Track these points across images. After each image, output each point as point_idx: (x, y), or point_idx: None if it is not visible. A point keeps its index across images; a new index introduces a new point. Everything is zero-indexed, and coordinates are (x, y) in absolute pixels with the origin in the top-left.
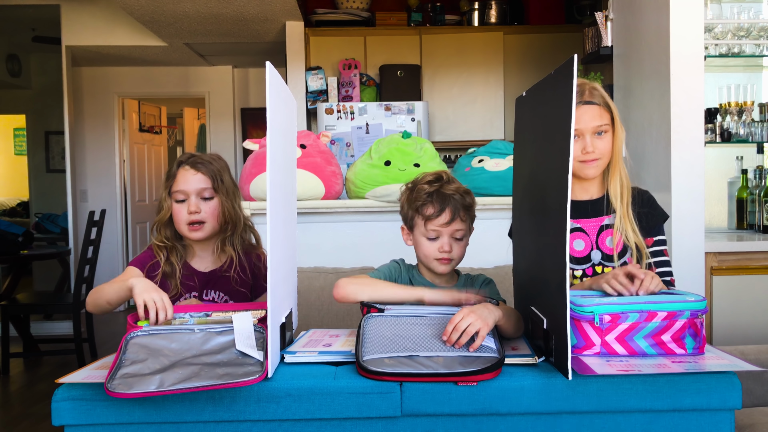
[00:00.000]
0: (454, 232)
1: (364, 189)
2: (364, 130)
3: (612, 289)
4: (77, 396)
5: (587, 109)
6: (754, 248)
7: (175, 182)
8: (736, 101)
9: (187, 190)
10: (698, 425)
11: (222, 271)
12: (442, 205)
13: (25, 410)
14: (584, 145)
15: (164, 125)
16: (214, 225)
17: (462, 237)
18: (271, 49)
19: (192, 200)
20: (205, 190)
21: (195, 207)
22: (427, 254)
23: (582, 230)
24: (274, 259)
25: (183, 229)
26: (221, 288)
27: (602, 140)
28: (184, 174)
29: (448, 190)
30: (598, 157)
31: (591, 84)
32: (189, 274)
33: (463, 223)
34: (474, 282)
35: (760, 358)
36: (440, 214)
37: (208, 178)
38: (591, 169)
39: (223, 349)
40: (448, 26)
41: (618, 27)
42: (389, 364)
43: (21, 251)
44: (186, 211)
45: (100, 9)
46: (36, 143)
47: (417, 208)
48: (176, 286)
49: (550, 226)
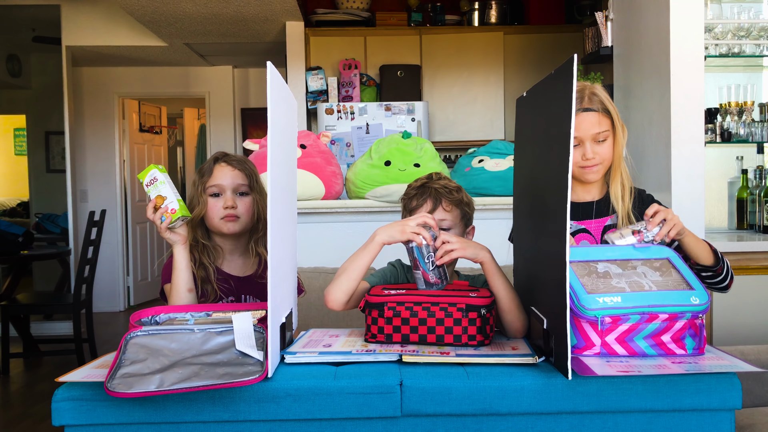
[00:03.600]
0: (438, 222)
1: (364, 189)
2: (364, 130)
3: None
4: (77, 396)
5: (586, 117)
6: (754, 248)
7: (212, 177)
8: (736, 101)
9: (224, 185)
10: (698, 425)
11: (257, 276)
12: (423, 195)
13: (25, 410)
14: (584, 152)
15: (164, 125)
16: (247, 222)
17: (448, 228)
18: (271, 49)
19: (228, 194)
20: (242, 185)
21: (231, 201)
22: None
23: (587, 231)
24: (274, 259)
25: (217, 224)
26: (257, 294)
27: (602, 146)
28: (221, 170)
29: (433, 185)
30: (598, 163)
31: (591, 88)
32: (222, 278)
33: (447, 213)
34: (475, 282)
35: (760, 359)
36: (422, 205)
37: (245, 175)
38: (591, 174)
39: (223, 349)
40: (448, 26)
41: (618, 27)
42: None
43: (21, 251)
44: (221, 206)
45: (100, 9)
46: (36, 143)
47: (405, 204)
48: (214, 290)
49: (550, 226)
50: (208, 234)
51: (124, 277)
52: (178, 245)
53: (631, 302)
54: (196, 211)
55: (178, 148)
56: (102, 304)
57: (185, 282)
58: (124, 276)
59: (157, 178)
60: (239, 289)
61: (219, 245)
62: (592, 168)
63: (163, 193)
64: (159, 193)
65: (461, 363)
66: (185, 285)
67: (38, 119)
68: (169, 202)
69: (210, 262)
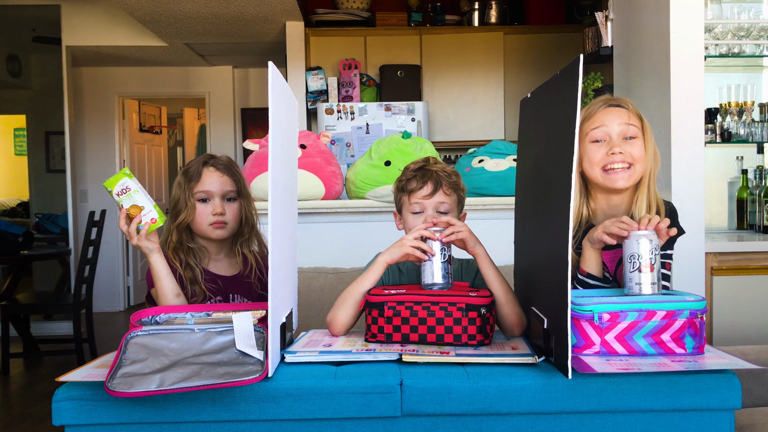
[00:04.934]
0: (438, 205)
1: (364, 189)
2: (364, 130)
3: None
4: (77, 396)
5: (613, 110)
6: (754, 248)
7: (200, 182)
8: (736, 101)
9: (213, 191)
10: (698, 425)
11: (243, 276)
12: (424, 178)
13: (25, 410)
14: (611, 147)
15: (164, 125)
16: (234, 227)
17: (447, 211)
18: (271, 49)
19: (216, 201)
20: (230, 192)
21: (221, 208)
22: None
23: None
24: (274, 259)
25: (206, 230)
26: (245, 293)
27: (632, 145)
28: (210, 175)
29: (433, 168)
30: (628, 161)
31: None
32: (210, 278)
33: (447, 197)
34: (469, 268)
35: (760, 358)
36: (422, 187)
37: (233, 181)
38: (620, 179)
39: (223, 349)
40: (448, 26)
41: (618, 27)
42: None
43: (21, 251)
44: (210, 211)
45: (100, 9)
46: (36, 143)
47: (403, 186)
48: (202, 291)
49: (552, 227)
50: (191, 237)
51: (124, 277)
52: (155, 253)
53: (628, 299)
54: (183, 215)
55: (178, 148)
56: (102, 304)
57: (171, 289)
58: (124, 276)
59: (130, 187)
60: (227, 289)
61: (204, 246)
62: (619, 168)
63: (139, 203)
64: (134, 202)
65: (461, 363)
66: (172, 291)
67: (38, 119)
68: (147, 212)
69: (196, 263)
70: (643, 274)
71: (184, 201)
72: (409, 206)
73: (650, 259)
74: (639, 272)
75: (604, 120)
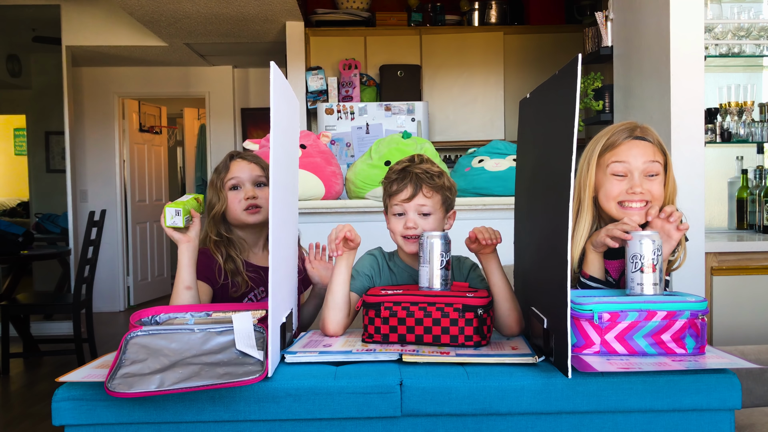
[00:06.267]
0: (419, 207)
1: (364, 189)
2: (364, 130)
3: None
4: (77, 396)
5: (637, 144)
6: (754, 248)
7: (229, 172)
8: (736, 101)
9: (243, 177)
10: (698, 425)
11: None
12: (404, 180)
13: (25, 410)
14: (632, 184)
15: (164, 125)
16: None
17: (429, 213)
18: (271, 49)
19: (248, 186)
20: (260, 177)
21: (252, 192)
22: (395, 231)
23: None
24: (274, 259)
25: (240, 215)
26: None
27: (653, 182)
28: (238, 164)
29: (415, 169)
30: (647, 199)
31: (642, 125)
32: (251, 270)
33: (428, 199)
34: (461, 265)
35: (761, 358)
36: (402, 190)
37: (261, 168)
38: (636, 214)
39: (223, 349)
40: (448, 26)
41: (618, 27)
42: None
43: (21, 251)
44: (242, 197)
45: (100, 9)
46: (36, 143)
47: (385, 188)
48: (245, 281)
49: (551, 226)
50: (230, 229)
51: (124, 277)
52: (182, 243)
53: (628, 299)
54: (217, 207)
55: (178, 148)
56: (102, 304)
57: (183, 280)
58: (124, 276)
59: (179, 211)
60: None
61: (243, 238)
62: (636, 204)
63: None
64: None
65: (461, 363)
66: (183, 283)
67: (38, 119)
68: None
69: (237, 254)
70: (645, 274)
71: (216, 193)
72: (391, 208)
73: (653, 259)
74: (641, 272)
75: (628, 156)
